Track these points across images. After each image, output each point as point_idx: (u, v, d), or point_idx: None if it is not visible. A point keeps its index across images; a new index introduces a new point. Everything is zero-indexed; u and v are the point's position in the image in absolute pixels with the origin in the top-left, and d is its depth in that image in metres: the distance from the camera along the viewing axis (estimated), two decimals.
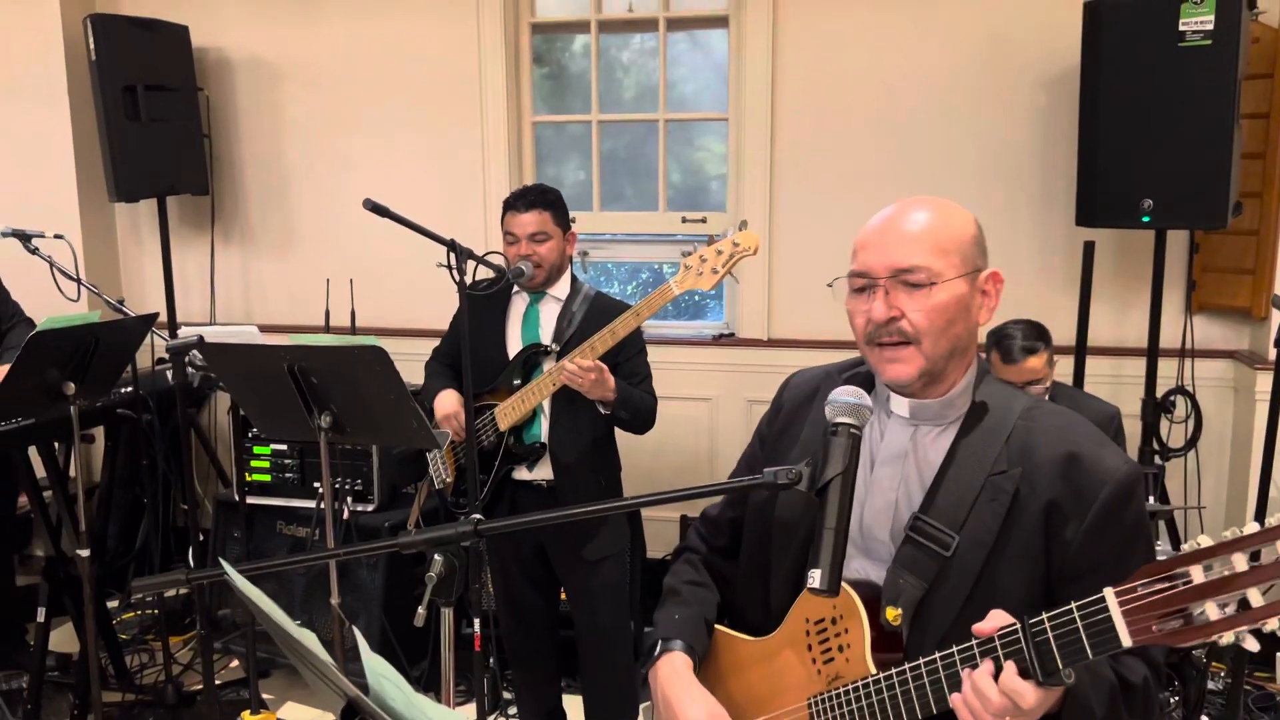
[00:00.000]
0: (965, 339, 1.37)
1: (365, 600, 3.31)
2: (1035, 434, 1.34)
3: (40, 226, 3.25)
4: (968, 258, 1.36)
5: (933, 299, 1.33)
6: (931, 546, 1.32)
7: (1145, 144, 2.99)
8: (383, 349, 2.28)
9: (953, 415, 1.39)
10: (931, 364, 1.34)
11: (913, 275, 1.33)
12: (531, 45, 4.01)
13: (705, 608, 1.57)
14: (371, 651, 0.93)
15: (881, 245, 1.37)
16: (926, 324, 1.33)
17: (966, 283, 1.36)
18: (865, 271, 1.37)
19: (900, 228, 1.37)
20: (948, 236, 1.36)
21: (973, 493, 1.32)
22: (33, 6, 4.07)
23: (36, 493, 3.31)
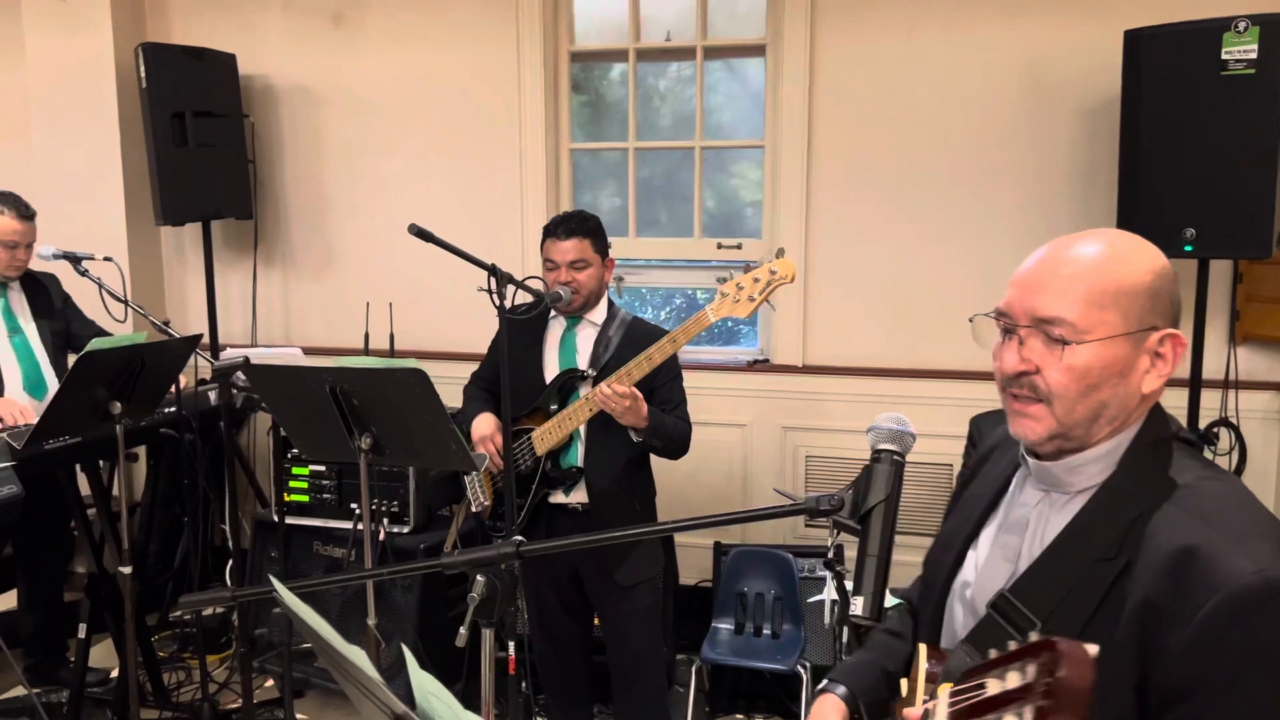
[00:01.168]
0: (1114, 407, 1.17)
1: (400, 622, 3.33)
2: (1169, 518, 1.12)
3: (89, 249, 3.35)
4: (1133, 313, 1.16)
5: (1073, 359, 1.15)
6: (1007, 629, 1.18)
7: (1187, 173, 2.97)
8: (423, 371, 2.30)
9: (1082, 484, 1.21)
10: (1065, 429, 1.18)
11: (1053, 328, 1.16)
12: (570, 73, 4.06)
13: (887, 656, 1.49)
14: (420, 668, 0.94)
15: (1029, 284, 1.20)
16: (1061, 387, 1.16)
17: (1127, 344, 1.16)
18: (1006, 311, 1.22)
19: (1053, 266, 1.19)
20: (1109, 285, 1.16)
21: (1071, 577, 1.15)
22: (87, 35, 4.18)
23: (81, 510, 3.37)
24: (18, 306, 3.42)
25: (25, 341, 3.39)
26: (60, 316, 3.54)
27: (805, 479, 3.83)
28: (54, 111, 4.26)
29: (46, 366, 3.42)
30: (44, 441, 2.81)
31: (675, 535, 3.57)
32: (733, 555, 3.48)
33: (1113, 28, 3.16)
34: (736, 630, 3.39)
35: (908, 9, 3.58)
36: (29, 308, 3.44)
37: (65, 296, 3.59)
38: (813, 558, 3.43)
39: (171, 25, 4.37)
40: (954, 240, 3.63)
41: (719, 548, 3.56)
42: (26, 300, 3.45)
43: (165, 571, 3.99)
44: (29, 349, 3.39)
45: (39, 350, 3.42)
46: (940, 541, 1.40)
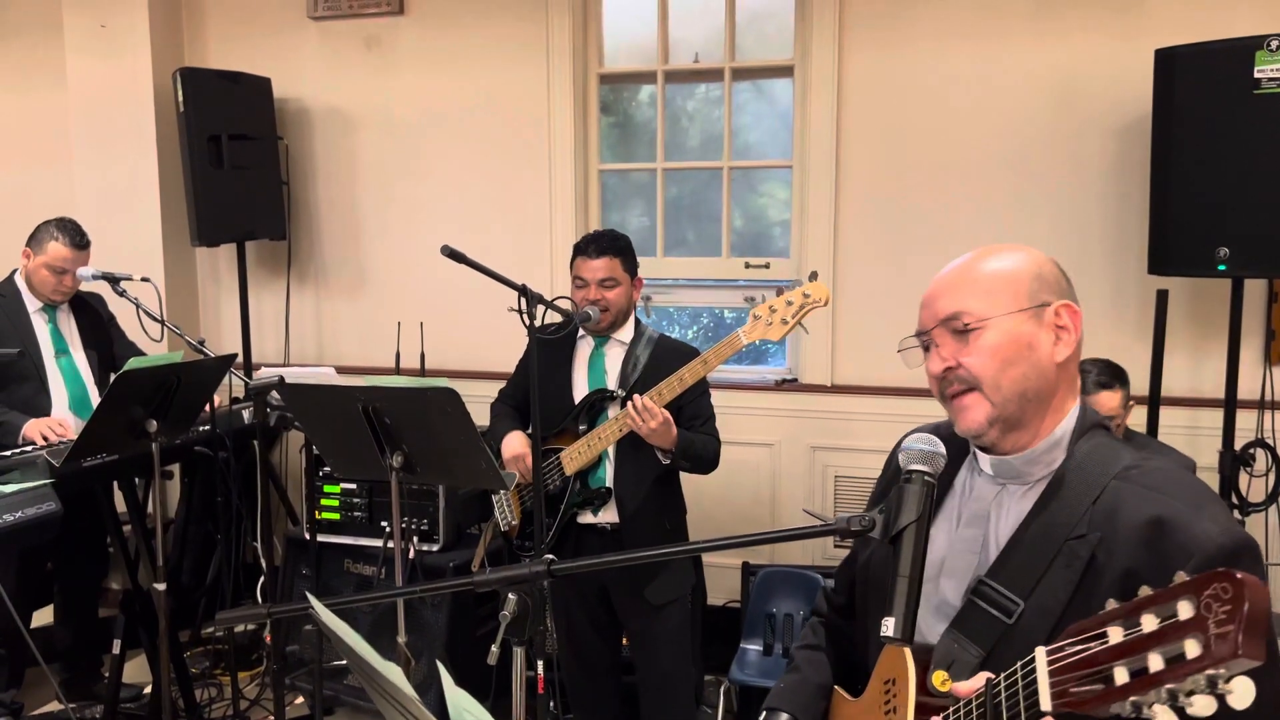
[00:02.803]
0: (1036, 379, 1.29)
1: (428, 640, 3.34)
2: (1125, 494, 1.23)
3: (127, 269, 3.41)
4: (1023, 293, 1.31)
5: (981, 342, 1.29)
6: (993, 613, 1.26)
7: (1220, 191, 2.94)
8: (455, 391, 2.32)
9: (1039, 473, 1.32)
10: (1000, 409, 1.29)
11: (956, 321, 1.31)
12: (599, 95, 4.10)
13: (817, 671, 1.56)
14: (455, 685, 0.95)
15: (927, 300, 1.37)
16: (981, 368, 1.29)
17: (1027, 318, 1.30)
18: (919, 329, 1.38)
19: (946, 279, 1.36)
20: (992, 276, 1.33)
21: (1046, 558, 1.24)
22: (126, 60, 4.27)
23: (116, 527, 3.41)
24: (66, 329, 3.49)
25: (72, 363, 3.46)
26: (106, 339, 3.60)
27: (834, 499, 3.82)
28: (94, 134, 4.35)
29: (92, 387, 3.48)
30: (82, 459, 2.85)
31: (703, 555, 3.57)
32: (761, 576, 3.46)
33: (1144, 47, 3.15)
34: (765, 651, 3.37)
35: (936, 29, 3.58)
36: (77, 330, 3.51)
37: (110, 317, 3.66)
38: None
39: (208, 50, 4.45)
40: None
41: (747, 568, 3.55)
42: (75, 322, 3.51)
43: (198, 588, 4.03)
44: (75, 370, 3.46)
45: (85, 371, 3.48)
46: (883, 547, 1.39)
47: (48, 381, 3.38)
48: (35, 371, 3.35)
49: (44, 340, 3.40)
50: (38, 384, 3.35)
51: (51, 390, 3.37)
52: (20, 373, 3.32)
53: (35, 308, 3.41)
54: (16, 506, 2.61)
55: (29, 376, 3.34)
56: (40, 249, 3.34)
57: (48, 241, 3.33)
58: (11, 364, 3.27)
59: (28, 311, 3.39)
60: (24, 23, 4.61)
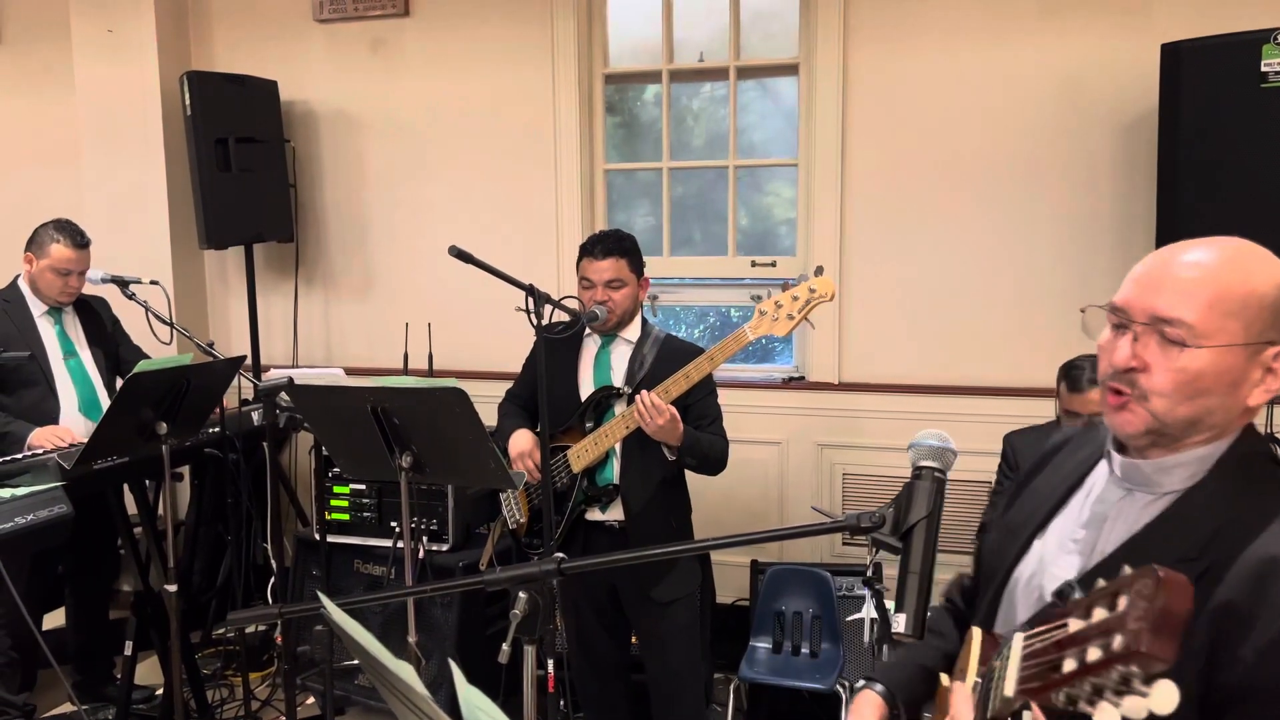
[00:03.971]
0: (1219, 415, 1.16)
1: (439, 639, 3.35)
2: (1255, 528, 1.11)
3: (135, 273, 3.42)
4: (1255, 325, 1.13)
5: (1184, 361, 1.13)
6: None
7: (1227, 187, 2.94)
8: (463, 391, 2.33)
9: (1169, 486, 1.19)
10: (1162, 426, 1.16)
11: (1172, 329, 1.14)
12: (604, 95, 4.10)
13: (924, 654, 1.50)
14: (467, 683, 0.96)
15: (1150, 282, 1.18)
16: (1169, 387, 1.15)
17: (1243, 355, 1.13)
18: (1123, 307, 1.19)
19: (1176, 267, 1.17)
20: (1234, 293, 1.13)
21: None
22: (133, 65, 4.29)
23: (128, 529, 3.43)
24: (72, 331, 3.49)
25: (80, 365, 3.47)
26: (111, 340, 3.62)
27: (842, 497, 3.82)
28: (102, 138, 4.37)
29: (101, 389, 3.49)
30: (93, 462, 2.87)
31: (712, 553, 3.57)
32: (770, 574, 3.46)
33: (1150, 42, 3.14)
34: (774, 649, 3.37)
35: (941, 26, 3.58)
36: (83, 332, 3.52)
37: (115, 320, 3.67)
38: (851, 576, 3.41)
39: (215, 53, 4.47)
40: (990, 256, 3.61)
41: (756, 566, 3.55)
42: (81, 324, 3.53)
43: (209, 590, 4.05)
44: (84, 372, 3.47)
45: (93, 373, 3.49)
46: (1002, 530, 1.39)
47: (56, 385, 3.38)
48: (43, 376, 3.35)
49: (51, 343, 3.41)
50: (45, 388, 3.35)
51: (60, 393, 3.38)
52: (27, 377, 3.32)
53: (41, 311, 3.41)
54: (28, 509, 2.62)
55: (36, 381, 3.34)
56: (42, 252, 3.34)
57: (49, 244, 3.33)
58: (18, 368, 3.28)
59: (33, 315, 3.39)
60: (32, 29, 4.64)
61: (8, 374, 3.27)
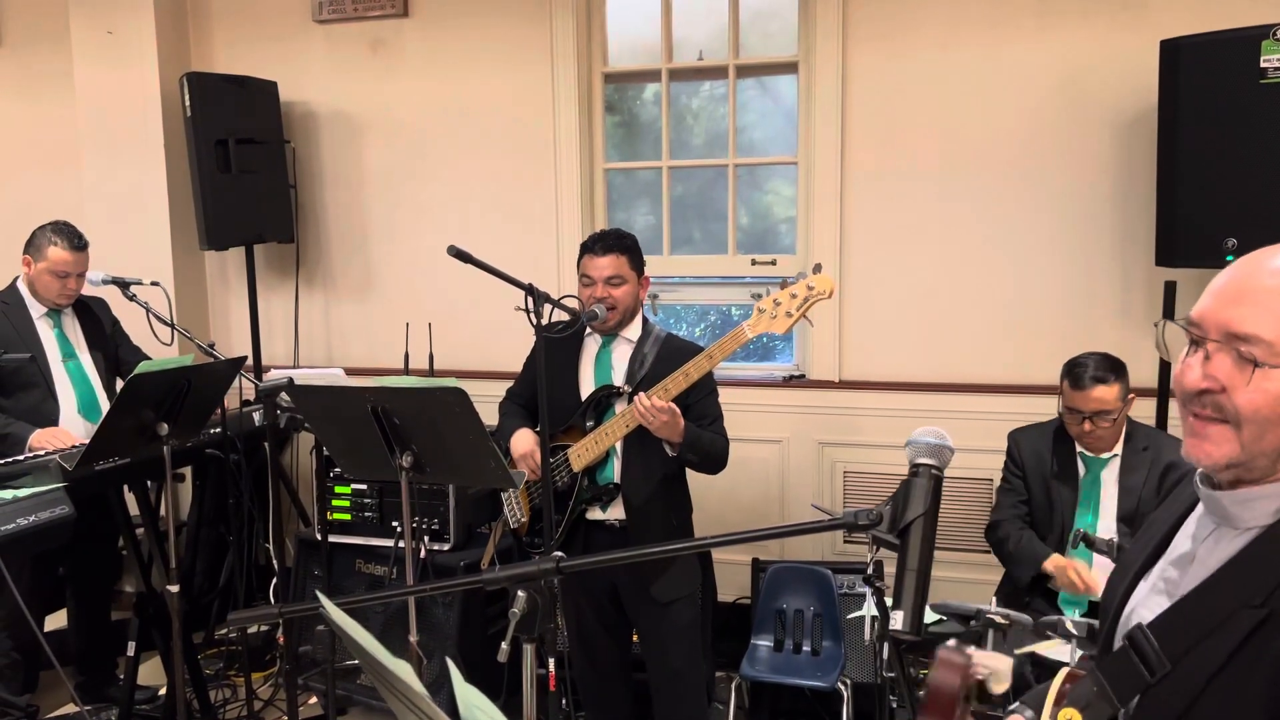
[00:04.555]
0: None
1: (440, 639, 3.35)
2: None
3: (136, 274, 3.43)
4: None
5: (1265, 384, 1.04)
6: (1139, 666, 1.10)
7: (1226, 182, 2.94)
8: (463, 390, 2.34)
9: (1252, 520, 1.09)
10: (1248, 457, 1.07)
11: (1247, 347, 1.05)
12: (604, 94, 4.10)
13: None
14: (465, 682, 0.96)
15: (1227, 294, 1.08)
16: (1251, 411, 1.05)
17: None
18: (1198, 321, 1.10)
19: (1257, 277, 1.07)
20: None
21: (1214, 621, 1.05)
22: (133, 67, 4.30)
23: (129, 530, 3.43)
24: (71, 332, 3.50)
25: (80, 366, 3.47)
26: (110, 342, 3.62)
27: (843, 495, 3.82)
28: (102, 140, 4.38)
29: (100, 391, 3.49)
30: (94, 463, 2.87)
31: (713, 552, 3.57)
32: (771, 572, 3.47)
33: (1148, 38, 3.14)
34: (776, 647, 3.38)
35: (940, 24, 3.58)
36: (82, 334, 3.53)
37: (114, 321, 3.67)
38: (852, 574, 3.42)
39: (214, 55, 4.47)
40: (989, 254, 3.61)
41: (757, 564, 3.56)
42: (80, 326, 3.53)
43: (211, 590, 4.05)
44: (83, 373, 3.47)
45: (93, 375, 3.50)
46: (1120, 565, 1.34)
47: (55, 387, 3.38)
48: (42, 378, 3.35)
49: (50, 345, 3.40)
50: (44, 390, 3.35)
51: (59, 395, 3.38)
52: (27, 379, 3.32)
53: (40, 313, 3.41)
54: (30, 510, 2.63)
55: (35, 383, 3.33)
56: (40, 255, 3.34)
57: (46, 247, 3.33)
58: (18, 370, 3.28)
59: (32, 318, 3.39)
60: (31, 32, 4.64)
61: (7, 376, 3.27)
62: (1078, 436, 2.90)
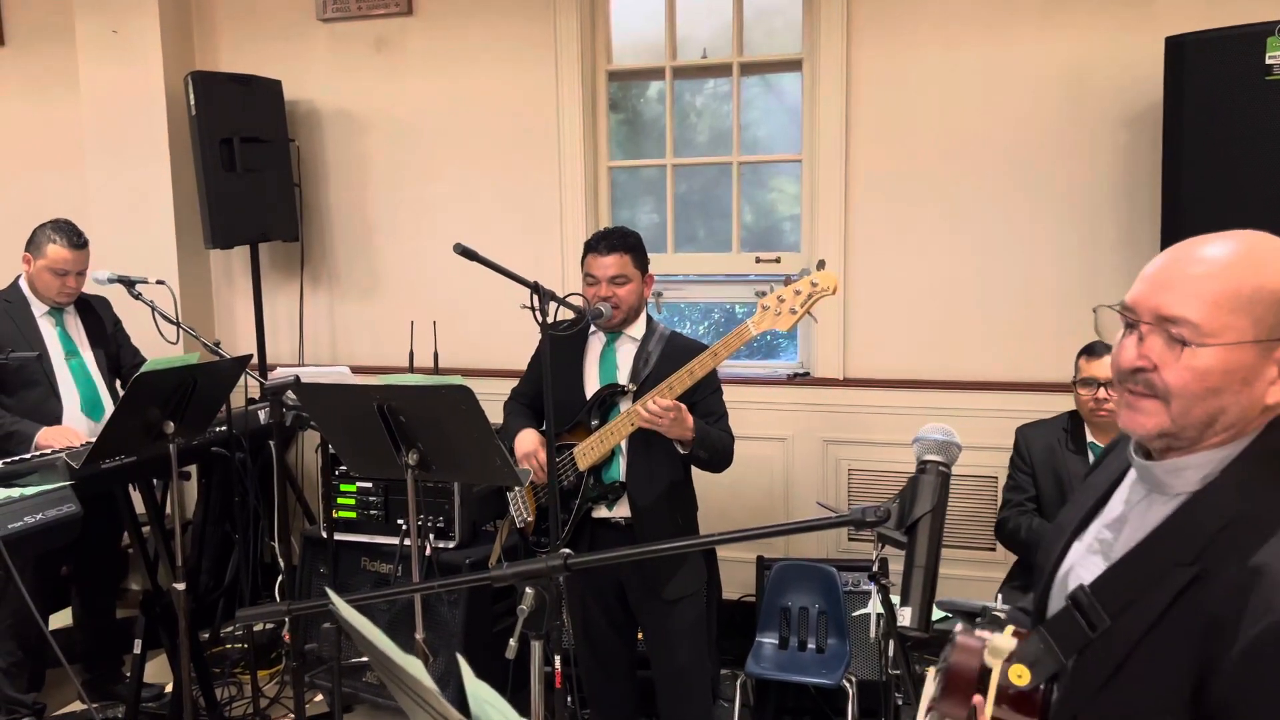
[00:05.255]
0: (1234, 414, 1.13)
1: (445, 636, 3.36)
2: (1250, 534, 1.08)
3: (141, 273, 3.43)
4: (1265, 324, 1.11)
5: (1193, 361, 1.12)
6: (1081, 623, 1.17)
7: (1232, 179, 2.93)
8: (468, 388, 2.34)
9: (1179, 488, 1.18)
10: (1178, 429, 1.15)
11: (1176, 328, 1.13)
12: (608, 92, 4.10)
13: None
14: (475, 678, 0.96)
15: (1157, 280, 1.17)
16: (1180, 386, 1.13)
17: (1254, 351, 1.11)
18: (1131, 306, 1.19)
19: (1184, 264, 1.15)
20: (1243, 289, 1.11)
21: (1149, 581, 1.13)
22: (138, 66, 4.30)
23: (136, 528, 3.44)
24: (74, 331, 3.50)
25: (82, 364, 3.48)
26: (112, 341, 3.62)
27: (848, 492, 3.82)
28: (107, 140, 4.39)
29: (103, 389, 3.50)
30: (101, 461, 2.88)
31: (718, 550, 3.57)
32: (776, 570, 3.47)
33: (1154, 35, 3.14)
34: (781, 645, 3.38)
35: (944, 21, 3.58)
36: (84, 332, 3.53)
37: (116, 321, 3.67)
38: (857, 571, 3.42)
39: (219, 54, 4.48)
40: (994, 251, 3.61)
41: (762, 562, 3.56)
42: (82, 324, 3.53)
43: (217, 588, 4.06)
44: (86, 372, 3.48)
45: (95, 373, 3.50)
46: (1054, 528, 1.41)
47: (58, 385, 3.38)
48: (45, 376, 3.35)
49: (52, 343, 3.40)
50: (47, 388, 3.35)
51: (62, 393, 3.38)
52: (29, 378, 3.32)
53: (42, 311, 3.41)
54: (37, 508, 2.63)
55: (38, 381, 3.33)
56: (40, 253, 3.34)
57: (46, 245, 3.34)
58: (21, 369, 3.28)
59: (34, 316, 3.39)
60: (36, 31, 4.65)
61: (10, 375, 3.28)
62: (1090, 416, 2.96)
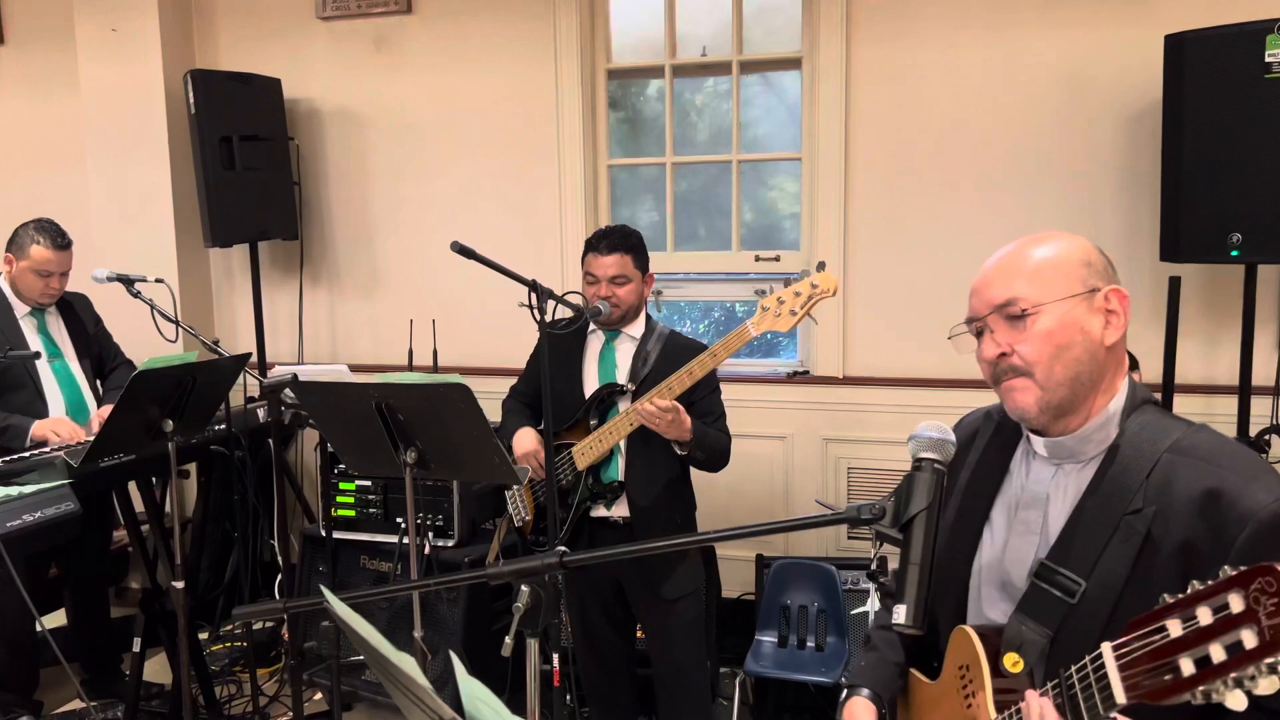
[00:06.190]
0: (1088, 364, 1.32)
1: (445, 635, 3.36)
2: (1179, 467, 1.25)
3: (141, 271, 3.43)
4: (1074, 279, 1.33)
5: (1036, 327, 1.32)
6: (1056, 594, 1.28)
7: (1231, 177, 2.93)
8: (466, 386, 2.34)
9: (1092, 451, 1.34)
10: (1050, 393, 1.32)
11: (1012, 307, 1.33)
12: (607, 90, 4.10)
13: (894, 651, 1.60)
14: (469, 676, 0.96)
15: (983, 286, 1.39)
16: (1035, 354, 1.31)
17: (1079, 303, 1.32)
18: (971, 316, 1.40)
19: (998, 266, 1.39)
20: (1044, 263, 1.35)
21: (1104, 535, 1.26)
22: (137, 64, 4.30)
23: (135, 527, 3.43)
24: (56, 332, 3.47)
25: (65, 366, 3.44)
26: (94, 341, 3.59)
27: (848, 491, 3.82)
28: (106, 138, 4.38)
29: (87, 391, 3.47)
30: (100, 459, 2.88)
31: (717, 548, 3.57)
32: (775, 568, 3.47)
33: (1153, 33, 3.13)
34: (780, 643, 3.38)
35: (944, 19, 3.57)
36: (67, 333, 3.50)
37: (97, 319, 3.64)
38: (856, 570, 3.42)
39: (219, 52, 4.48)
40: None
41: (761, 560, 3.56)
42: (64, 325, 3.50)
43: (216, 586, 4.06)
44: (70, 373, 3.45)
45: (79, 374, 3.47)
46: (946, 533, 1.45)
47: (43, 387, 3.35)
48: (29, 378, 3.32)
49: (35, 345, 3.36)
50: (33, 391, 3.32)
51: (47, 394, 3.35)
52: (14, 380, 3.28)
53: (23, 312, 3.37)
54: (36, 507, 2.64)
55: (23, 384, 3.30)
56: (22, 254, 3.31)
57: (29, 245, 3.30)
58: (5, 371, 3.26)
59: (16, 317, 3.36)
60: (36, 30, 4.65)
61: None
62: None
